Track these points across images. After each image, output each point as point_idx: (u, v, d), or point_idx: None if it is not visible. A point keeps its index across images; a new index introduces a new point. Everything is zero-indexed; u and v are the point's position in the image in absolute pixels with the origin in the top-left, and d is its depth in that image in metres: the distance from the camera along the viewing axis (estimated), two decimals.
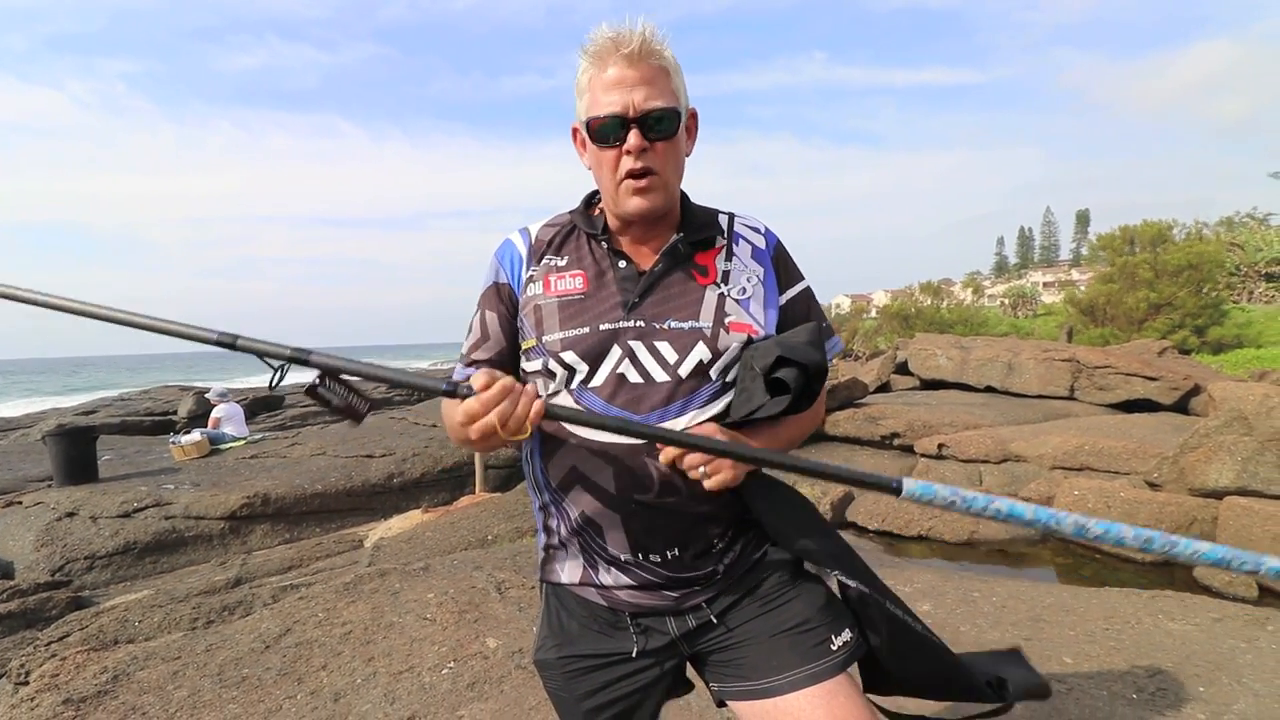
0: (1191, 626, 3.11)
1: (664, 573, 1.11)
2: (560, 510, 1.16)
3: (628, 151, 1.06)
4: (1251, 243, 30.32)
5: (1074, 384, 10.94)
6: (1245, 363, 16.03)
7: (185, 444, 8.55)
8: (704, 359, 1.09)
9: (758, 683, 1.09)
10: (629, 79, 1.04)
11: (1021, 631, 3.10)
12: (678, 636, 1.15)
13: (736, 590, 1.15)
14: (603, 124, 1.06)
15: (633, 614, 1.15)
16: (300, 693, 2.67)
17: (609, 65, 1.05)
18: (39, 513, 6.24)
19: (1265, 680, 2.58)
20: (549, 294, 1.14)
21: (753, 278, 1.16)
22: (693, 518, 1.10)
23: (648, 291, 1.12)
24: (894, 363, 14.13)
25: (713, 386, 1.11)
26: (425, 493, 7.51)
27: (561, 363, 1.10)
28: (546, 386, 1.14)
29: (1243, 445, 5.08)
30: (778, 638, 1.10)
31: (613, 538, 1.11)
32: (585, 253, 1.17)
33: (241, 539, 6.37)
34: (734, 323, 1.12)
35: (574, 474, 1.12)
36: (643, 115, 1.05)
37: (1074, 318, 21.98)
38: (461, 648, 2.95)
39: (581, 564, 1.16)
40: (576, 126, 1.13)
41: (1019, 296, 46.36)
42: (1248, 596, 4.27)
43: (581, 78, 1.09)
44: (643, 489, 1.08)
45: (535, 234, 1.21)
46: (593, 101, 1.07)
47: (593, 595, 1.16)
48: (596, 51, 1.06)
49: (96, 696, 2.64)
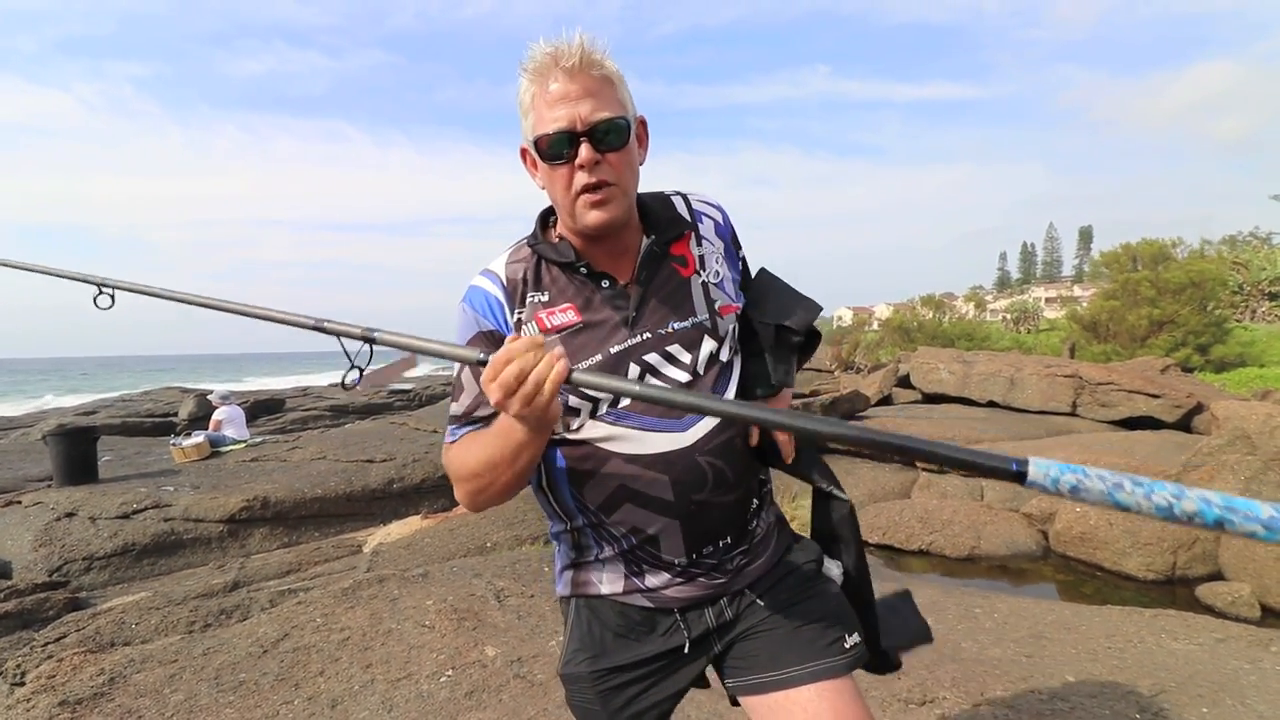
0: (1195, 646, 3.09)
1: (714, 561, 1.14)
2: (601, 531, 1.14)
3: (580, 166, 1.03)
4: (1255, 262, 30.35)
5: (1076, 400, 10.93)
6: (1248, 381, 16.00)
7: (185, 446, 8.54)
8: (713, 349, 1.13)
9: (771, 675, 1.12)
10: (573, 93, 1.01)
11: (1023, 648, 3.08)
12: (714, 628, 1.17)
13: (767, 580, 1.19)
14: (552, 140, 1.03)
15: (681, 609, 1.16)
16: (297, 699, 2.66)
17: (550, 80, 1.02)
18: (38, 513, 6.23)
19: (1270, 702, 2.56)
20: (548, 332, 1.11)
21: (718, 256, 1.20)
22: (739, 500, 1.14)
23: (642, 303, 1.12)
24: (896, 376, 14.13)
25: (725, 369, 1.14)
26: (425, 499, 7.49)
27: (583, 396, 1.08)
28: (572, 423, 1.11)
29: (1246, 464, 5.07)
30: (797, 632, 1.14)
31: (668, 544, 1.11)
32: (564, 283, 1.13)
33: (240, 542, 6.35)
34: (723, 306, 1.16)
35: (622, 493, 1.10)
36: (591, 128, 1.02)
37: (1077, 334, 21.98)
38: (460, 655, 2.93)
39: (624, 574, 1.15)
40: (525, 147, 1.10)
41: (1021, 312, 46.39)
42: (1250, 617, 4.24)
43: (524, 96, 1.06)
44: (698, 488, 1.09)
45: (504, 274, 1.14)
46: (538, 119, 1.04)
47: (637, 600, 1.16)
48: (536, 68, 1.03)
49: (92, 699, 2.63)
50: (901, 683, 2.62)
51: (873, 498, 6.38)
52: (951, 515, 5.95)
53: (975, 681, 2.65)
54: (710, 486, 1.10)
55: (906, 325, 28.57)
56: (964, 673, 2.73)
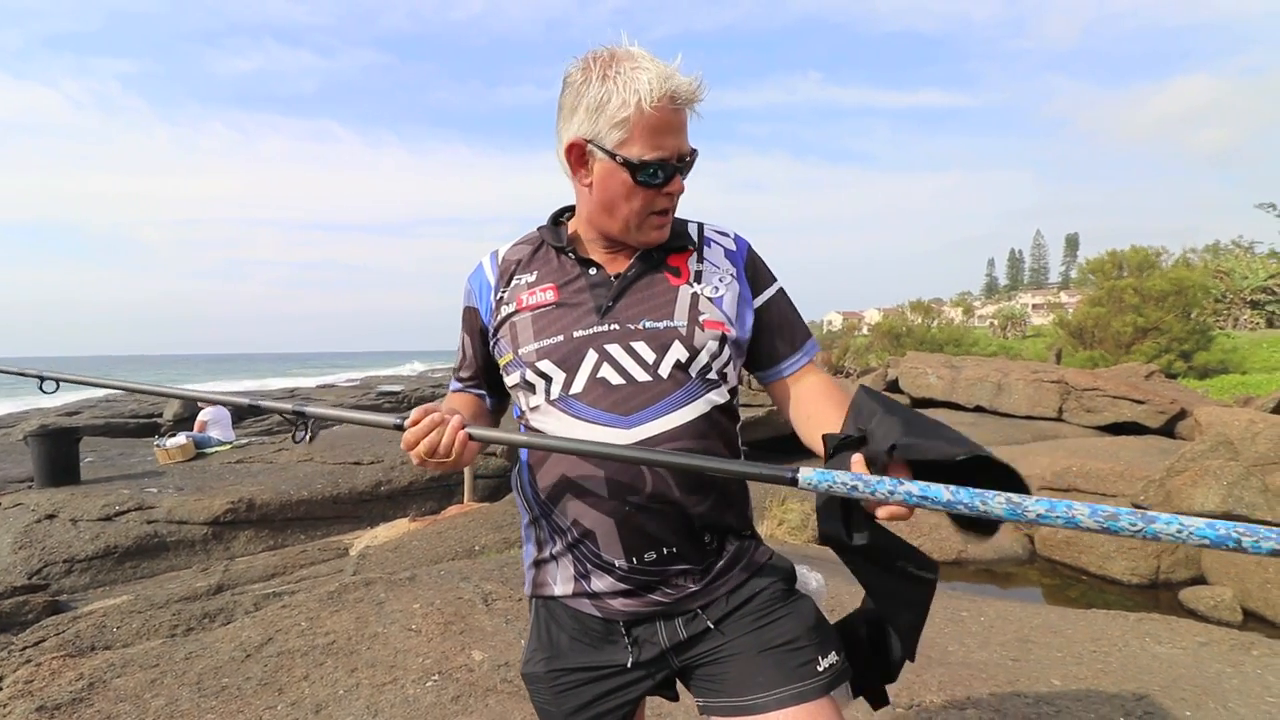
0: (1178, 650, 3.12)
1: (656, 570, 1.11)
2: (551, 522, 1.16)
3: (667, 193, 1.10)
4: (1238, 270, 30.79)
5: (1062, 405, 11.03)
6: (1231, 388, 16.21)
7: (170, 447, 8.45)
8: (681, 358, 1.10)
9: (742, 699, 1.08)
10: (675, 124, 1.07)
11: (1009, 652, 3.09)
12: (668, 648, 1.14)
13: (729, 603, 1.14)
14: (657, 167, 1.07)
15: (626, 623, 1.14)
16: (281, 703, 2.62)
17: (659, 105, 1.03)
18: (18, 514, 6.14)
19: (1251, 705, 2.59)
20: (522, 310, 1.16)
21: (725, 277, 1.18)
22: (684, 516, 1.10)
23: (620, 295, 1.13)
24: (885, 380, 14.20)
25: (694, 385, 1.11)
26: (413, 501, 7.45)
27: (538, 372, 1.11)
28: (528, 399, 1.15)
29: (1228, 470, 5.13)
30: (764, 654, 1.10)
31: (606, 544, 1.10)
32: (554, 265, 1.19)
33: (224, 545, 6.28)
34: (708, 320, 1.13)
35: (563, 483, 1.12)
36: (684, 159, 1.09)
37: (1063, 340, 22.20)
38: (446, 660, 2.91)
39: (573, 574, 1.15)
40: (579, 143, 1.09)
41: (1008, 318, 46.79)
42: (1232, 621, 4.29)
43: (615, 102, 1.04)
44: (635, 491, 1.08)
45: (504, 255, 1.24)
46: (640, 141, 1.05)
47: (586, 606, 1.15)
48: (645, 90, 1.02)
49: (71, 704, 2.59)
50: (888, 686, 2.63)
51: None
52: (939, 519, 5.98)
53: (961, 685, 2.66)
54: (648, 492, 1.08)
55: (896, 330, 28.74)
56: (950, 676, 2.74)
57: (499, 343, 1.18)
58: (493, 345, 1.21)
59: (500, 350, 1.18)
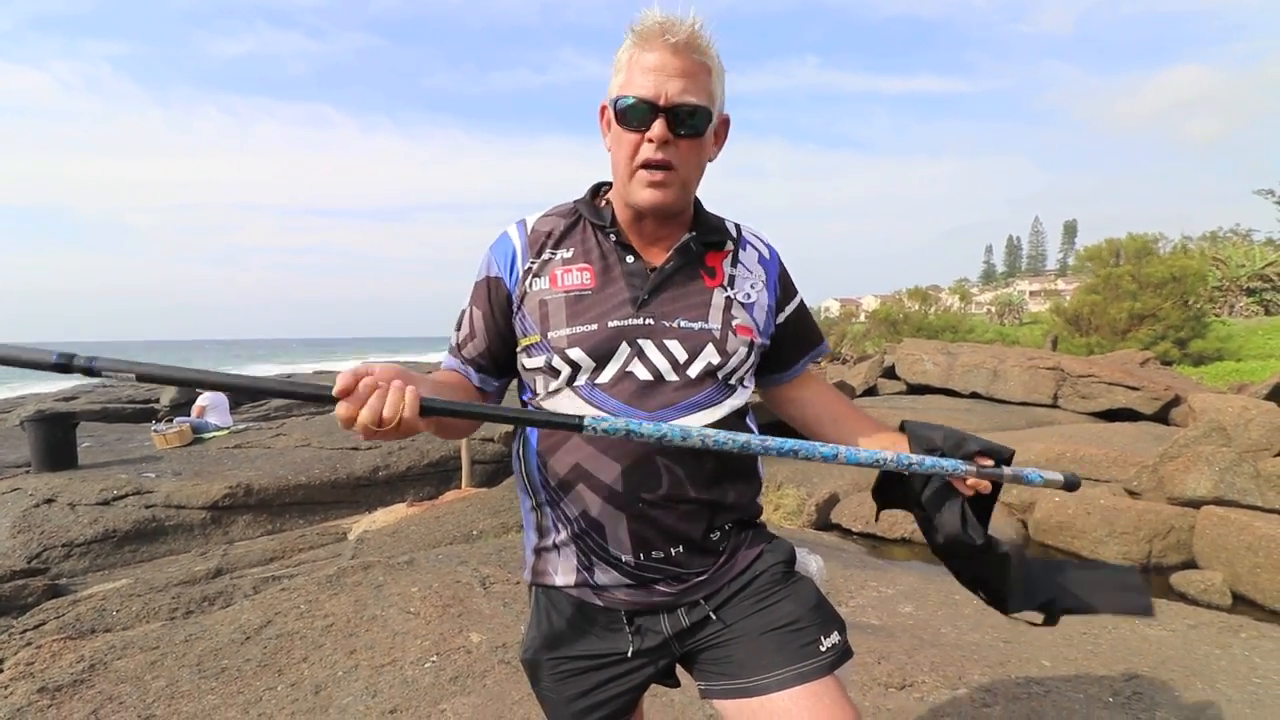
0: (1167, 633, 3.16)
1: (664, 568, 1.10)
2: (557, 511, 1.13)
3: (649, 139, 1.04)
4: (1234, 258, 30.80)
5: (1058, 392, 11.07)
6: (1225, 375, 16.26)
7: (167, 432, 8.44)
8: (713, 361, 1.09)
9: (745, 681, 1.08)
10: (669, 67, 1.02)
11: (1001, 634, 3.13)
12: (671, 635, 1.13)
13: (731, 587, 1.14)
14: (632, 106, 1.03)
15: (629, 613, 1.13)
16: (280, 684, 2.65)
17: (652, 49, 1.02)
18: (16, 499, 6.15)
19: (1238, 686, 2.63)
20: (556, 289, 1.11)
21: (757, 284, 1.17)
22: (696, 513, 1.09)
23: (658, 289, 1.10)
24: (881, 367, 14.23)
25: (719, 388, 1.10)
26: (410, 486, 7.47)
27: (567, 359, 1.07)
28: (547, 384, 1.11)
29: (1221, 456, 5.16)
30: (766, 636, 1.09)
31: (614, 539, 1.08)
32: (592, 245, 1.14)
33: (223, 529, 6.30)
34: (740, 325, 1.12)
35: (576, 473, 1.08)
36: (674, 106, 1.02)
37: (1059, 327, 22.22)
38: (444, 642, 2.94)
39: (576, 566, 1.13)
40: (605, 104, 1.10)
41: (1006, 305, 46.80)
42: (1222, 604, 4.34)
43: (621, 54, 1.06)
44: (650, 488, 1.06)
45: (533, 225, 1.17)
46: (627, 81, 1.04)
47: (589, 596, 1.14)
48: (643, 32, 1.03)
49: (72, 685, 2.61)
50: (881, 667, 2.66)
51: (856, 487, 6.43)
52: None
53: (954, 666, 2.70)
54: (664, 490, 1.06)
55: (893, 317, 28.73)
56: (943, 657, 2.77)
57: (524, 319, 1.12)
58: (516, 318, 1.14)
59: (525, 329, 1.12)
